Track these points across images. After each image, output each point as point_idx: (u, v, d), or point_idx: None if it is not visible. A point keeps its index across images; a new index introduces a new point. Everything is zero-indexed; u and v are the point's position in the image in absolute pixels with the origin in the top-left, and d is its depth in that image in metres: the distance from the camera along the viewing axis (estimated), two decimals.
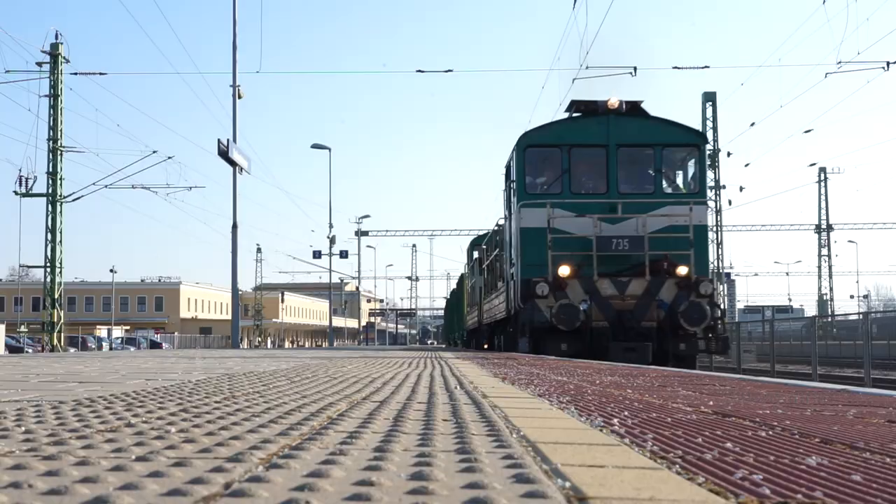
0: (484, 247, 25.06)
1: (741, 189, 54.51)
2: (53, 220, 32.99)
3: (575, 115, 16.01)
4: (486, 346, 25.27)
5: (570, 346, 13.92)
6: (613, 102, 15.39)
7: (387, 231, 75.69)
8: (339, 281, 79.33)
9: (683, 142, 15.82)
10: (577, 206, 14.95)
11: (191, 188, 37.29)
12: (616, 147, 15.28)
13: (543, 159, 15.95)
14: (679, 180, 16.13)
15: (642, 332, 14.06)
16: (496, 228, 21.31)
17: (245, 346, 61.56)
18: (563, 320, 13.86)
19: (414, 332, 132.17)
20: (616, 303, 14.19)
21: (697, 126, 34.89)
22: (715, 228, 40.45)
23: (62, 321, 33.87)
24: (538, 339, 14.44)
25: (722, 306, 15.38)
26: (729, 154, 47.63)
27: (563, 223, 14.77)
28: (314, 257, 58.77)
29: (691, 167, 15.93)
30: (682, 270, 14.44)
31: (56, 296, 33.27)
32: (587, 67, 24.38)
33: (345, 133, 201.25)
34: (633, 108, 15.68)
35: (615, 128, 15.35)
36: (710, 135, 39.70)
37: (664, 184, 15.62)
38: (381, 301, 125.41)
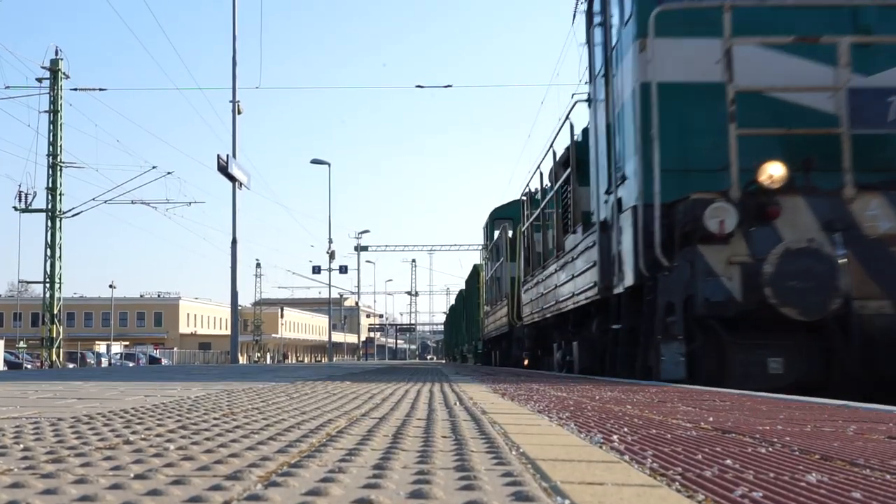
0: (524, 199, 15.28)
1: None
2: (53, 235, 33.01)
3: None
4: (526, 363, 16.27)
5: (794, 362, 6.36)
6: None
7: (386, 246, 75.99)
8: (338, 296, 79.36)
9: None
10: (783, 29, 7.18)
11: (190, 203, 37.60)
12: None
13: None
14: None
15: None
16: (522, 198, 15.04)
17: (244, 361, 61.48)
18: (798, 295, 6.03)
19: (413, 347, 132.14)
20: None
21: None
22: None
23: (61, 337, 33.83)
24: (711, 343, 6.53)
25: None
26: None
27: (758, 67, 7.02)
28: (313, 272, 59.00)
29: None
30: None
31: (55, 311, 33.25)
32: (586, 83, 24.30)
33: (344, 147, 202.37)
34: None
35: None
36: None
37: None
38: (381, 316, 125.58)
